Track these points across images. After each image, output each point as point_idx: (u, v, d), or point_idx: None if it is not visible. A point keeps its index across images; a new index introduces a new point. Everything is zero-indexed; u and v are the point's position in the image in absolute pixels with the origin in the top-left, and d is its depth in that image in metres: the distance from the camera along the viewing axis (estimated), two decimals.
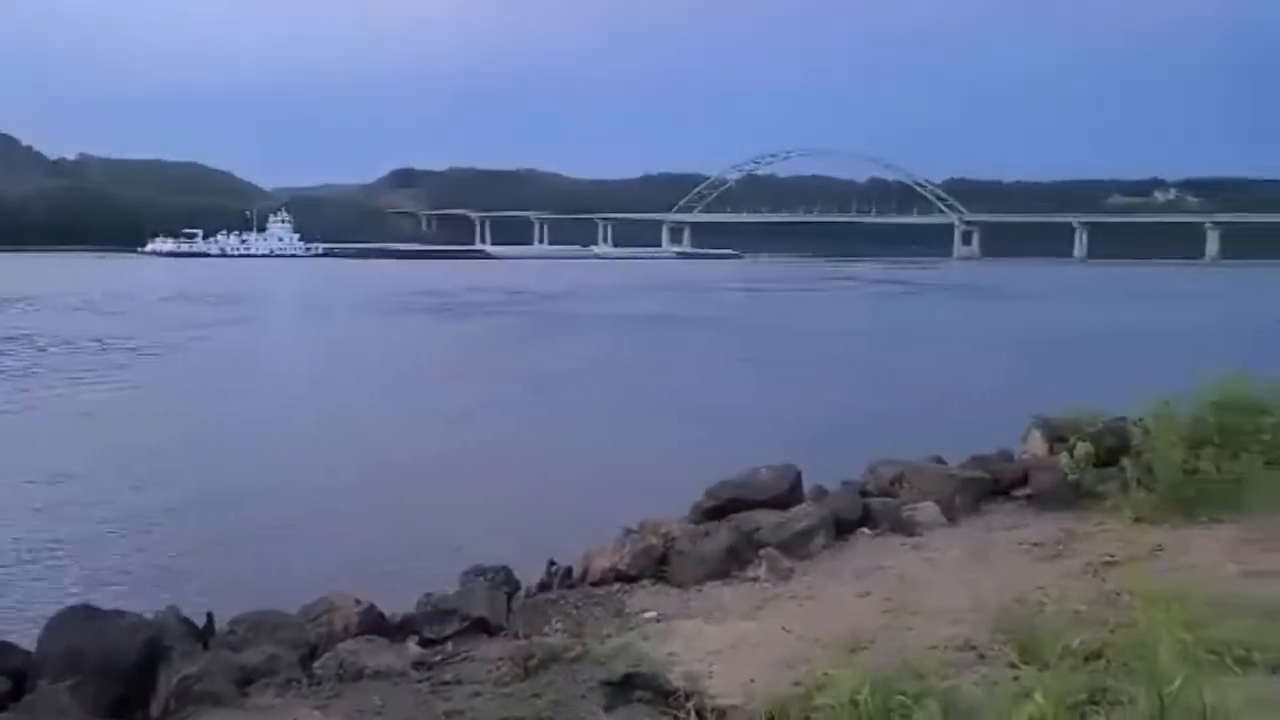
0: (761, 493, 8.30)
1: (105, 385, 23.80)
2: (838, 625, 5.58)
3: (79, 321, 41.74)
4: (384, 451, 16.38)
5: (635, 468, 14.67)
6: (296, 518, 12.06)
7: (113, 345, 32.51)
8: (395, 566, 9.69)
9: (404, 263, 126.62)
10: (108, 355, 30.04)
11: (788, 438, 15.12)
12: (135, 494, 13.00)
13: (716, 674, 5.02)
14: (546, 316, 49.46)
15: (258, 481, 13.90)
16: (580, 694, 4.99)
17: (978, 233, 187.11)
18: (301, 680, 5.14)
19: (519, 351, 33.41)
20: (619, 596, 6.81)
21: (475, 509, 12.49)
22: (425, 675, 5.35)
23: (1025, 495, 8.72)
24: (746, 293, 73.56)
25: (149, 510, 12.26)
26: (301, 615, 6.21)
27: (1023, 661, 4.08)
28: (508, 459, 15.76)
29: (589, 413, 20.82)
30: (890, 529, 7.99)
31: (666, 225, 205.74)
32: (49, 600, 8.34)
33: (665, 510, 8.54)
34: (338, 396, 22.84)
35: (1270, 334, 36.30)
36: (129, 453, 15.79)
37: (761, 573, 6.99)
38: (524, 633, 6.08)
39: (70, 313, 46.27)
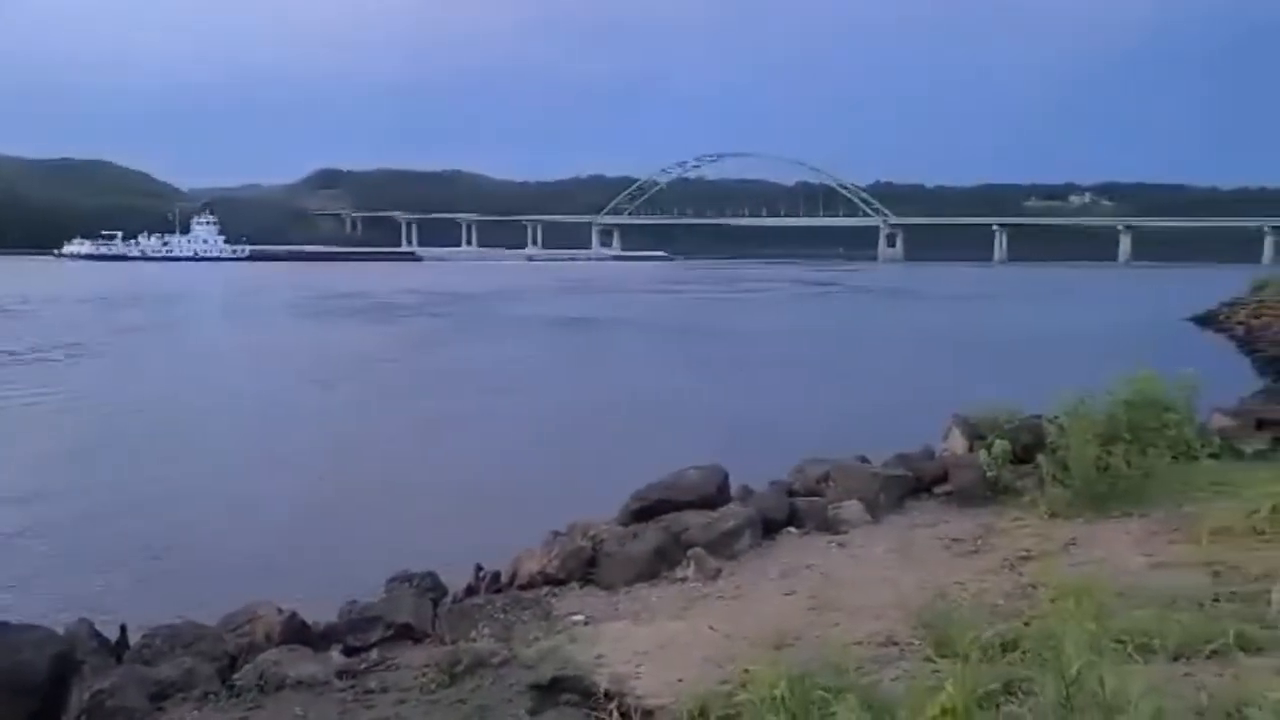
0: (689, 493, 8.36)
1: (11, 393, 22.89)
2: (764, 623, 5.65)
3: None
4: (309, 458, 16.05)
5: (564, 470, 14.61)
6: (217, 527, 11.75)
7: (22, 351, 31.30)
8: (320, 575, 9.50)
9: (333, 265, 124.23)
10: (15, 361, 28.91)
11: (716, 438, 15.25)
12: (44, 504, 12.52)
13: (644, 674, 5.04)
14: (476, 319, 49.00)
15: (175, 490, 13.50)
16: (507, 698, 4.97)
17: (902, 235, 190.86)
18: (220, 693, 5.03)
19: (447, 354, 33.04)
20: (547, 599, 6.80)
21: (402, 515, 12.31)
22: (349, 684, 5.28)
23: (946, 492, 8.93)
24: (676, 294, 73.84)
25: (58, 521, 11.82)
26: (221, 625, 6.08)
27: (940, 655, 4.18)
28: (436, 463, 15.57)
29: (518, 416, 20.69)
30: (816, 528, 8.12)
31: (596, 227, 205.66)
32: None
33: (594, 512, 8.55)
34: (259, 403, 22.31)
35: (1177, 334, 37.76)
36: (37, 461, 15.22)
37: (689, 573, 7.04)
38: (450, 638, 6.04)
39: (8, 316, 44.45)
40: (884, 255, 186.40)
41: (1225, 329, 37.61)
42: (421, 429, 18.76)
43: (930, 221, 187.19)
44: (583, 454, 16.07)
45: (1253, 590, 5.10)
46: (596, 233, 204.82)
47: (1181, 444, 8.39)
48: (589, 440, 17.45)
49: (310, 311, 53.03)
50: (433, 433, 18.36)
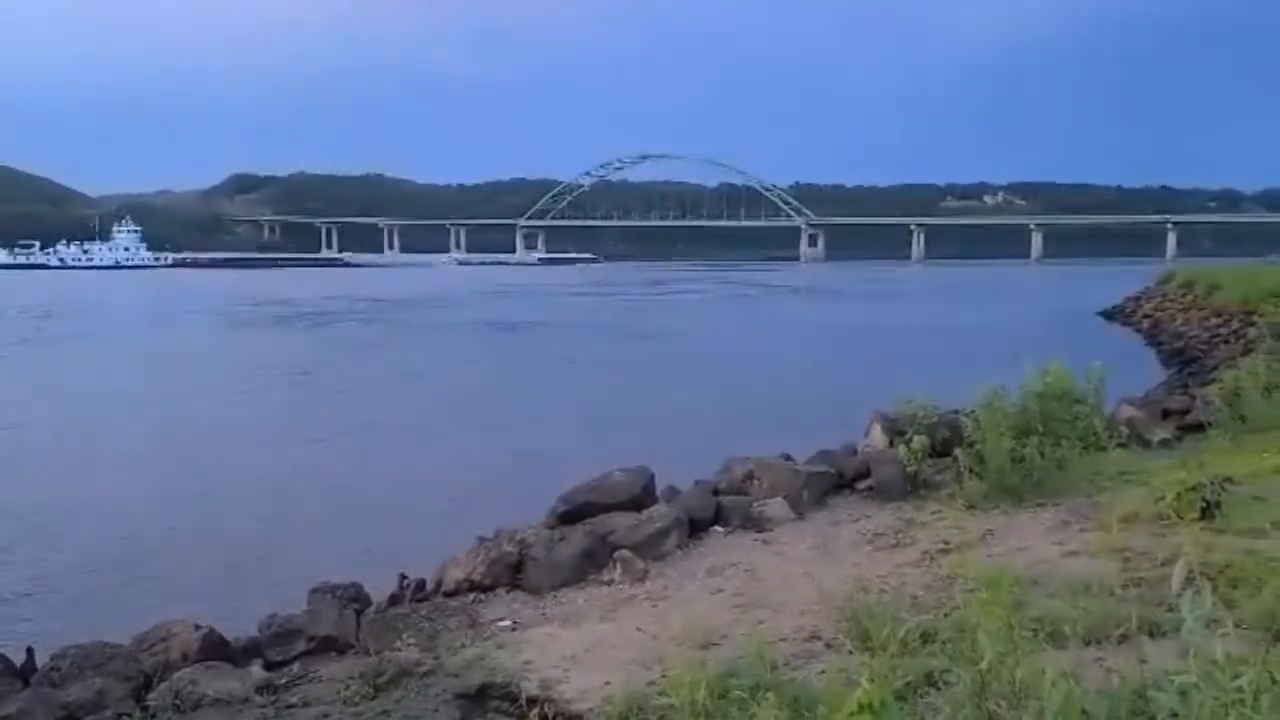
0: (615, 495, 8.37)
1: None
2: (691, 623, 5.68)
3: None
4: (228, 469, 15.63)
5: (490, 476, 14.50)
6: (128, 543, 11.37)
7: None
8: (239, 588, 9.28)
9: (258, 272, 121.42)
10: None
11: (641, 439, 15.29)
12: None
13: (571, 678, 5.03)
14: (404, 324, 48.35)
15: (82, 506, 13.02)
16: (433, 708, 4.91)
17: (823, 235, 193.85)
18: (133, 713, 4.88)
19: (374, 361, 32.54)
20: (473, 607, 6.74)
21: (325, 525, 12.09)
22: (270, 699, 5.16)
23: (868, 487, 9.09)
24: (602, 297, 73.90)
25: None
26: (134, 645, 5.89)
27: (862, 649, 4.26)
28: (360, 471, 15.30)
29: (445, 421, 20.47)
30: (741, 526, 8.20)
31: (520, 230, 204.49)
32: None
33: (521, 518, 8.50)
34: (175, 414, 21.65)
35: (1087, 327, 39.10)
36: None
37: (616, 575, 7.05)
38: (374, 649, 5.94)
39: None
40: (806, 255, 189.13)
41: (1131, 322, 39.03)
42: (346, 436, 18.42)
43: (850, 221, 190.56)
44: (509, 458, 15.97)
45: (1159, 575, 5.29)
46: (521, 236, 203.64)
47: (1091, 434, 8.68)
48: (516, 444, 17.34)
49: (237, 320, 51.78)
50: (358, 440, 18.05)
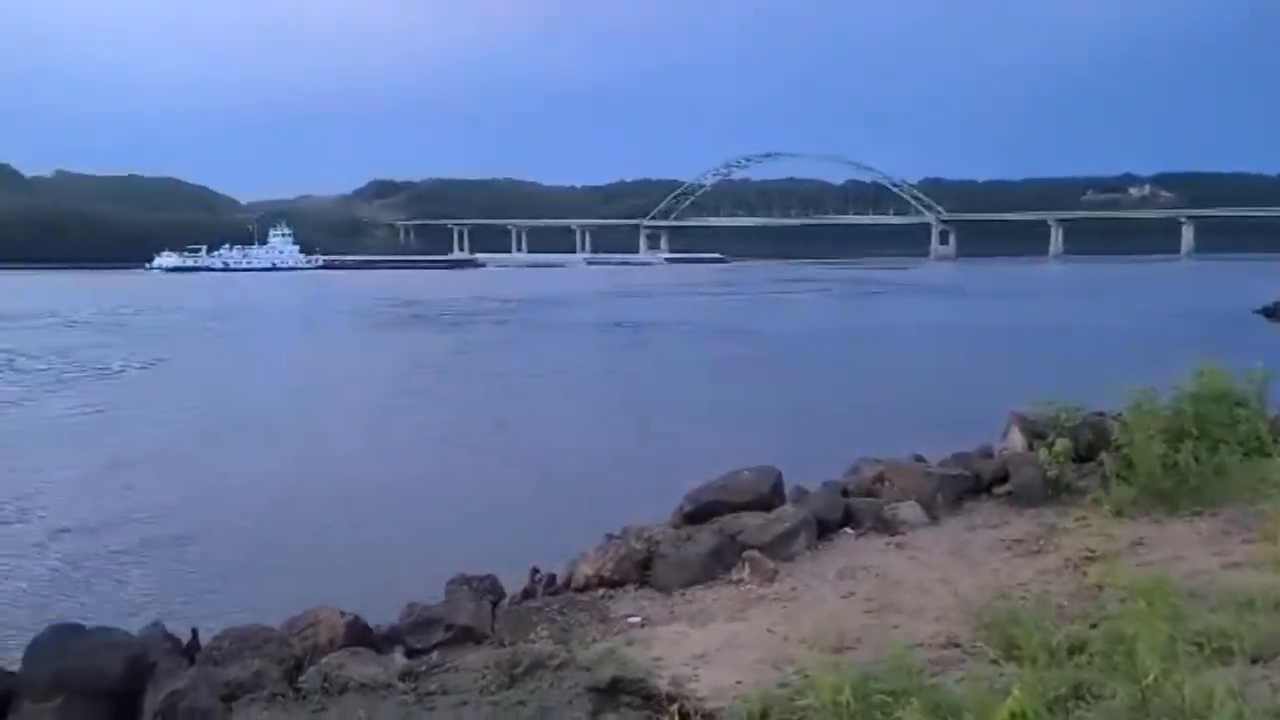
0: (743, 495, 8.33)
1: (98, 400, 23.60)
2: (822, 625, 5.61)
3: (89, 337, 41.47)
4: (369, 464, 16.29)
5: (617, 473, 14.66)
6: (280, 532, 11.98)
7: (116, 361, 32.17)
8: (380, 578, 9.63)
9: (399, 272, 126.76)
10: (106, 373, 29.77)
11: (768, 439, 15.18)
12: (117, 510, 12.87)
13: (702, 677, 5.03)
14: (531, 324, 49.42)
15: (240, 497, 13.79)
16: (566, 700, 4.99)
17: (954, 232, 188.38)
18: (287, 694, 5.11)
19: (500, 360, 33.34)
20: (603, 602, 6.81)
21: (459, 519, 12.44)
22: (411, 686, 5.33)
23: (1006, 492, 8.78)
24: (727, 296, 73.73)
25: (131, 528, 12.15)
26: (286, 629, 6.18)
27: (1005, 658, 4.11)
28: (492, 467, 15.71)
29: (571, 419, 20.80)
30: (872, 528, 8.04)
31: (644, 231, 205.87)
32: (34, 619, 8.27)
33: (647, 515, 8.55)
34: (324, 410, 22.71)
35: (1244, 325, 36.74)
36: (111, 469, 15.64)
37: (745, 575, 7.01)
38: (509, 640, 6.07)
39: (95, 329, 45.93)
40: (936, 253, 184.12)
41: None
42: (479, 434, 18.94)
43: (983, 218, 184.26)
44: (636, 457, 16.11)
45: None
46: (644, 236, 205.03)
47: (1254, 439, 8.15)
48: (641, 442, 17.48)
49: (380, 319, 54.03)
50: (489, 438, 18.54)
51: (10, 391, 25.37)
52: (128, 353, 34.57)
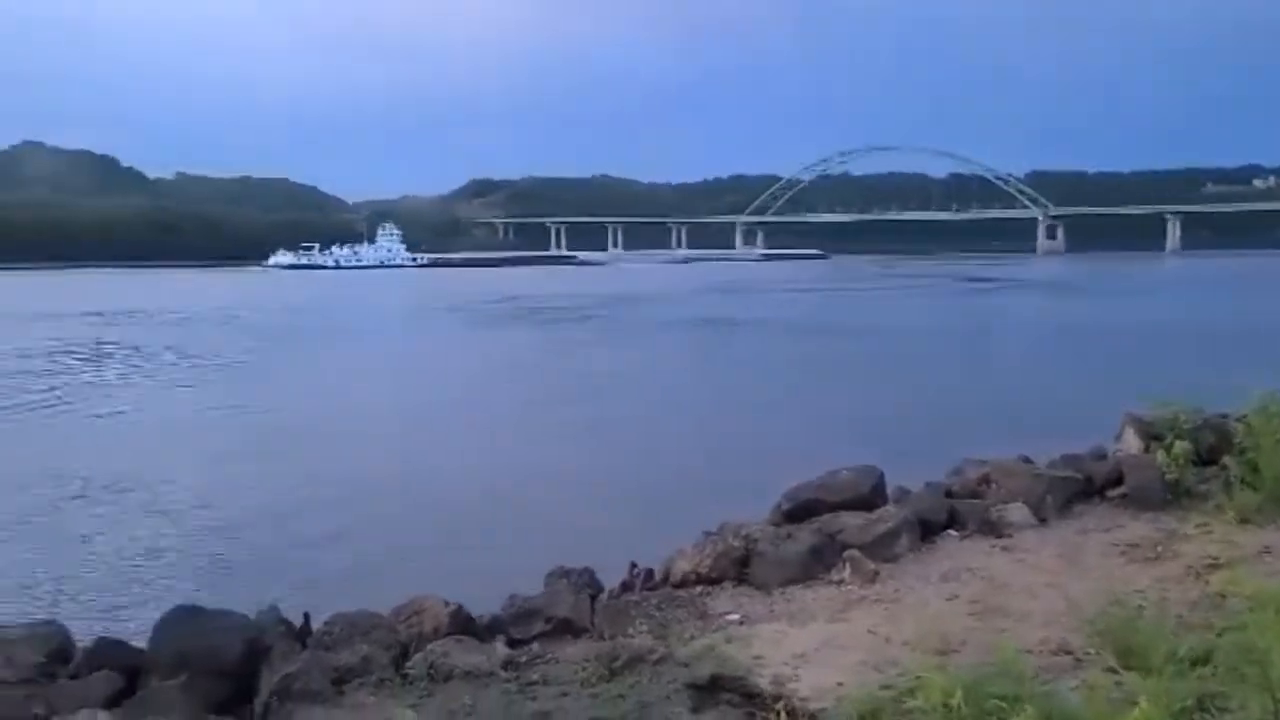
0: (843, 494, 8.19)
1: (211, 396, 24.73)
2: (925, 628, 5.49)
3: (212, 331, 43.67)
4: (469, 458, 16.65)
5: (712, 470, 14.65)
6: (384, 523, 12.34)
7: (229, 355, 33.66)
8: (479, 569, 9.82)
9: (500, 270, 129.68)
10: (220, 366, 31.17)
11: (868, 438, 14.95)
12: (230, 500, 13.44)
13: (803, 677, 4.98)
14: (633, 321, 49.79)
15: (346, 489, 14.24)
16: (665, 695, 5.00)
17: (1062, 227, 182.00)
18: (394, 679, 5.25)
19: (603, 356, 33.71)
20: (701, 599, 6.79)
21: (557, 512, 12.61)
22: (513, 675, 5.42)
23: (1120, 495, 8.44)
24: (824, 293, 72.86)
25: (244, 516, 12.68)
26: (392, 616, 6.33)
27: (1124, 666, 3.96)
28: (588, 463, 15.87)
29: (667, 416, 20.85)
30: (977, 530, 7.82)
31: (740, 227, 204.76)
32: (159, 600, 8.72)
33: (743, 513, 8.50)
34: (428, 404, 23.31)
35: None
36: (225, 461, 16.35)
37: (845, 575, 6.91)
38: (608, 634, 6.11)
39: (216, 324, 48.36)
40: (1043, 248, 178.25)
41: None
42: (576, 429, 19.17)
43: (1094, 211, 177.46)
44: (731, 454, 16.06)
45: None
46: (740, 233, 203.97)
47: None
48: (737, 440, 17.42)
49: (483, 315, 55.31)
50: (586, 432, 18.74)
51: (133, 383, 26.73)
52: (247, 347, 36.11)
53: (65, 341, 38.09)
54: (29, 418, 21.08)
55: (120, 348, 36.18)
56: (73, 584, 10.13)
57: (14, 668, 4.65)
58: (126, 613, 8.85)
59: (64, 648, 5.20)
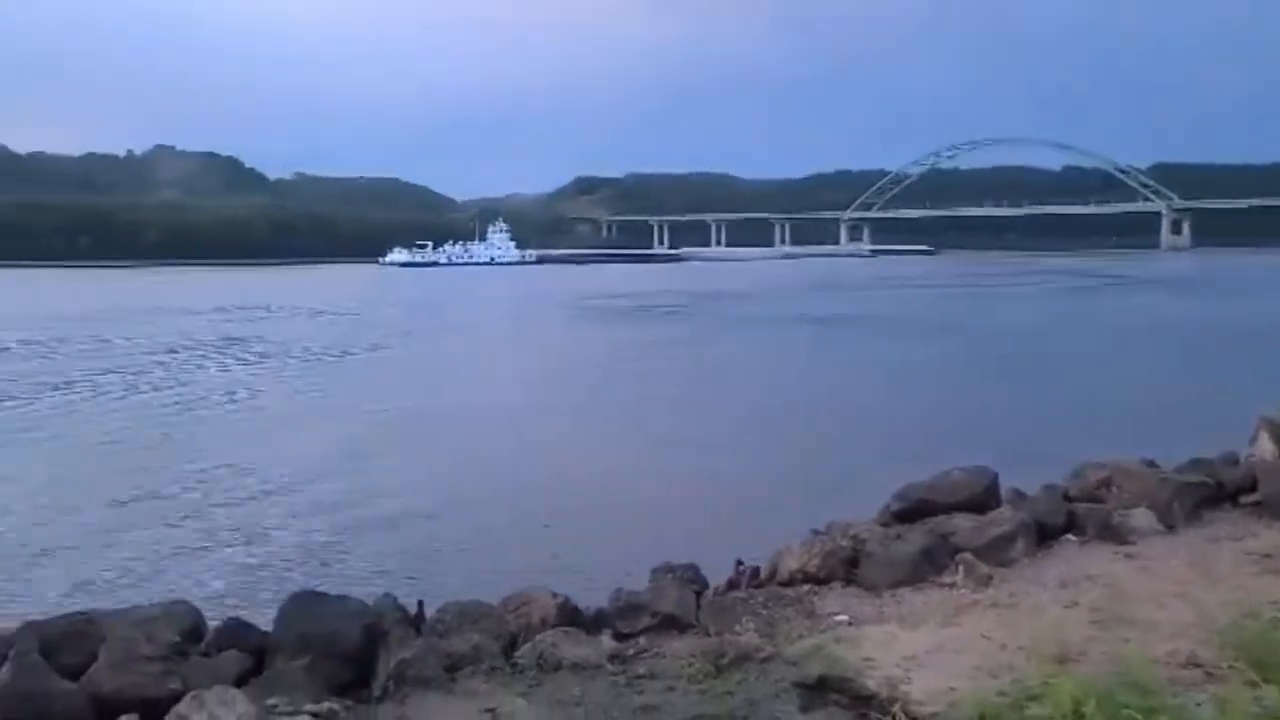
0: (955, 495, 7.99)
1: (324, 390, 25.70)
2: (1043, 635, 5.31)
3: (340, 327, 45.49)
4: (574, 452, 16.88)
5: (818, 468, 14.50)
6: (491, 515, 12.60)
7: (345, 350, 34.92)
8: (584, 562, 9.94)
9: (606, 266, 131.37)
10: (332, 361, 32.36)
11: (981, 439, 14.55)
12: (346, 489, 13.93)
13: (915, 680, 4.89)
14: (736, 318, 49.65)
15: (458, 478, 14.61)
16: (773, 694, 4.97)
17: (1188, 221, 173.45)
18: (504, 668, 5.36)
19: (709, 353, 33.76)
20: (809, 598, 6.73)
21: (659, 508, 12.67)
22: (620, 669, 5.46)
23: (1254, 502, 8.03)
24: (937, 290, 71.21)
25: (360, 505, 13.13)
26: (502, 606, 6.45)
27: (1263, 680, 3.76)
28: (692, 460, 15.89)
29: (771, 413, 20.70)
30: (1098, 536, 7.54)
31: (844, 223, 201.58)
32: (282, 584, 9.12)
33: (849, 512, 8.37)
34: (538, 398, 23.74)
35: None
36: (340, 451, 16.96)
37: (958, 578, 6.74)
38: (713, 631, 6.11)
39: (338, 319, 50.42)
40: (1167, 243, 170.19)
41: None
42: (681, 425, 19.20)
43: (1223, 205, 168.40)
44: (838, 452, 15.87)
45: None
46: (845, 229, 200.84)
47: None
48: (844, 438, 17.19)
49: (591, 311, 56.12)
50: (691, 429, 18.76)
51: (258, 376, 27.92)
52: (369, 341, 37.37)
53: (194, 336, 40.11)
54: (161, 410, 22.24)
55: (246, 342, 37.85)
56: (201, 565, 10.66)
57: (153, 644, 4.91)
58: (249, 595, 9.25)
59: (196, 627, 5.46)
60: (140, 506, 13.16)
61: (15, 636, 4.82)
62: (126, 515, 12.73)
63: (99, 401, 23.15)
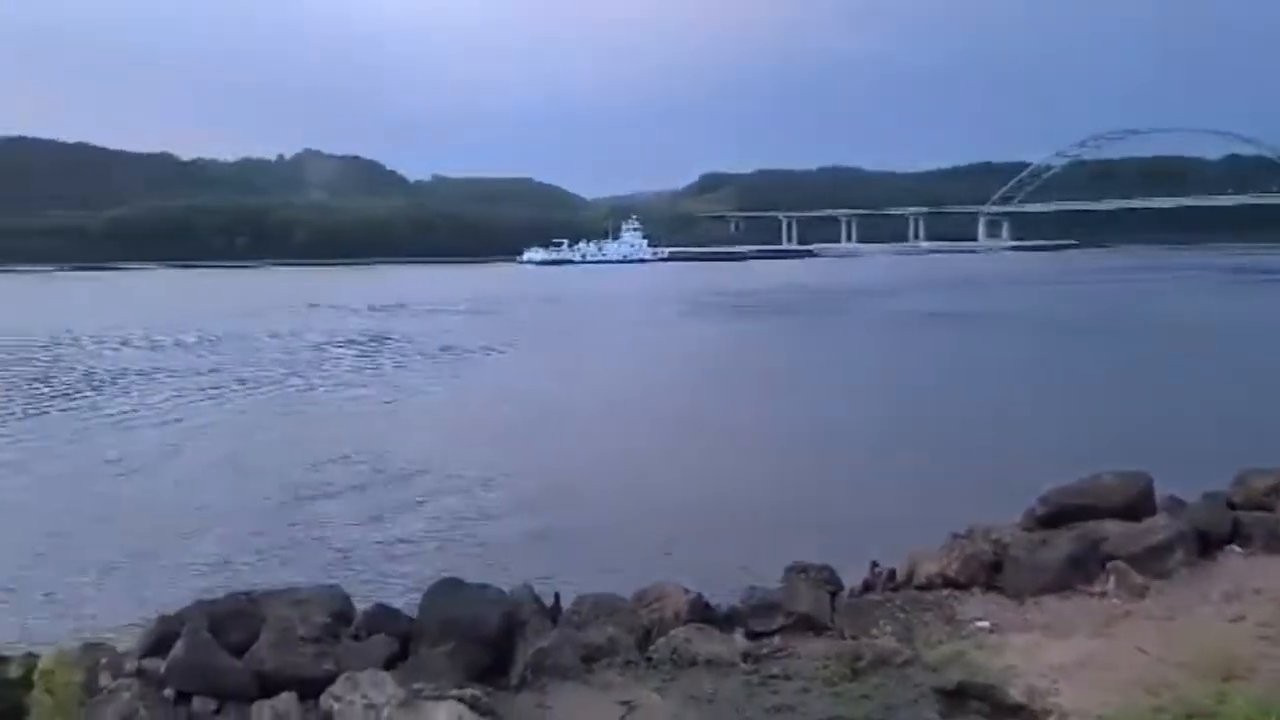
0: (1106, 500, 7.62)
1: (474, 378, 26.53)
2: (1206, 650, 5.02)
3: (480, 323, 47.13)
4: (703, 448, 16.88)
5: (954, 470, 14.07)
6: (620, 508, 12.73)
7: (482, 345, 36.00)
8: (713, 559, 9.92)
9: (737, 264, 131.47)
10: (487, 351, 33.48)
11: (1133, 443, 13.82)
12: (480, 480, 14.32)
13: (1063, 692, 4.69)
14: (875, 314, 48.79)
15: (589, 472, 14.84)
16: (911, 699, 4.87)
17: None
18: (639, 662, 5.41)
19: (845, 350, 33.33)
20: (948, 602, 6.54)
21: (792, 507, 12.53)
22: (753, 667, 5.45)
23: None
24: (1085, 287, 68.15)
25: (493, 491, 13.51)
26: (635, 601, 6.52)
27: None
28: (825, 459, 15.67)
29: (906, 411, 20.21)
30: (1265, 547, 7.07)
31: (983, 217, 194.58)
32: (423, 572, 9.46)
33: (988, 516, 8.09)
34: (672, 394, 23.89)
35: None
36: (484, 440, 17.53)
37: (1109, 587, 6.44)
38: (849, 633, 6.02)
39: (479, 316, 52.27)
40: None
41: None
42: (813, 425, 18.99)
43: None
44: (975, 453, 15.37)
45: None
46: (984, 223, 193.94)
47: None
48: (983, 439, 16.64)
49: (726, 308, 56.33)
50: (824, 428, 18.53)
51: (399, 370, 29.01)
52: (508, 338, 38.39)
53: (345, 332, 42.08)
54: (314, 401, 23.39)
55: (392, 339, 39.44)
56: (345, 550, 11.16)
57: (308, 626, 5.17)
58: (395, 585, 9.62)
59: (345, 610, 5.72)
60: (290, 491, 13.88)
61: (187, 614, 5.16)
62: (277, 497, 13.46)
63: (262, 392, 24.60)
